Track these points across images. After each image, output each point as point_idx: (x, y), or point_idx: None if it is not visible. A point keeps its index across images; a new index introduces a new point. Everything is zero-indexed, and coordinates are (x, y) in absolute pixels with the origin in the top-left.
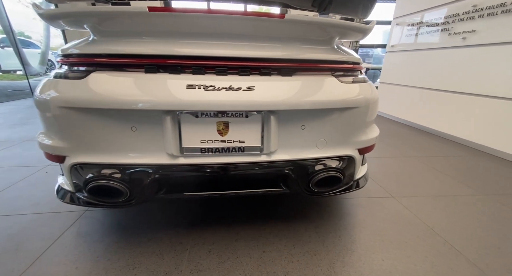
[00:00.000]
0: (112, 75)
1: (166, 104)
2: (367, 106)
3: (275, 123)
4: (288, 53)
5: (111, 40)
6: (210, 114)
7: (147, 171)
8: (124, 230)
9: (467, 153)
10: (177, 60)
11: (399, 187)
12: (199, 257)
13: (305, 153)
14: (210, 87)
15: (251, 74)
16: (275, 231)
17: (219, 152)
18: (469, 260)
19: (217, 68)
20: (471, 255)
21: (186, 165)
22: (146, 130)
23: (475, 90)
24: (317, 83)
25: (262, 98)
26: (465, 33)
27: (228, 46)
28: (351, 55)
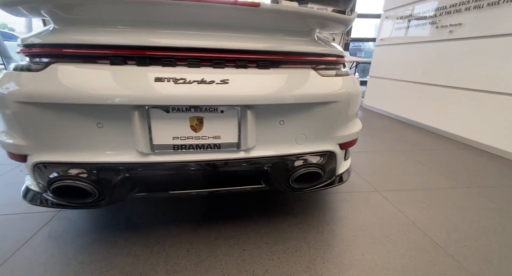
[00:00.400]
0: (73, 67)
1: (132, 98)
2: (348, 100)
3: (252, 119)
4: (265, 44)
5: (72, 29)
6: (182, 109)
7: (116, 170)
8: (100, 230)
9: (453, 146)
10: (145, 51)
11: (384, 181)
12: (176, 257)
13: (284, 149)
14: (180, 80)
15: (226, 66)
16: (257, 228)
17: (193, 149)
18: (447, 252)
19: (189, 60)
20: (449, 248)
21: (158, 163)
22: (113, 127)
23: (460, 84)
24: (296, 76)
25: (237, 92)
26: (452, 26)
27: (201, 37)
28: (333, 47)
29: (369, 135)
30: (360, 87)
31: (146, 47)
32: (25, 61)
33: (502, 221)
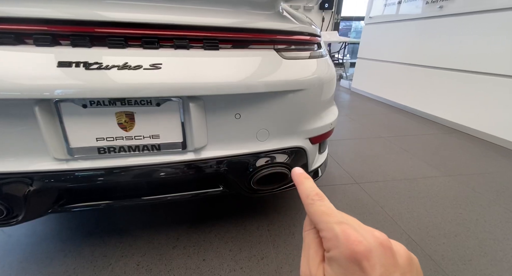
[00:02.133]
0: None
1: (27, 90)
2: (319, 87)
3: (199, 113)
4: (213, 19)
5: None
6: (103, 103)
7: (25, 181)
8: (36, 243)
9: (440, 131)
10: (46, 26)
11: (365, 172)
12: (123, 273)
13: (243, 147)
14: (93, 65)
15: (160, 47)
16: (222, 233)
17: (124, 151)
18: (425, 252)
19: (109, 38)
20: (427, 246)
21: (79, 170)
22: (11, 128)
23: (448, 65)
24: (252, 59)
25: (173, 80)
26: (442, 1)
27: (127, 8)
28: (303, 24)
29: (355, 121)
30: (340, 70)
31: (47, 20)
32: None
33: (484, 212)
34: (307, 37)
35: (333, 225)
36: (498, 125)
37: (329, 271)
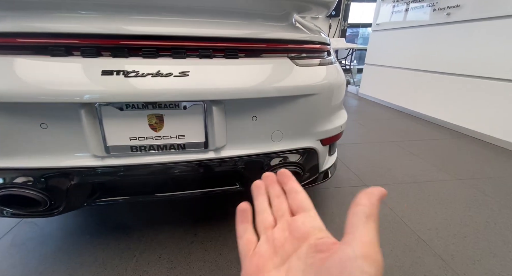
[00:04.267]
0: (6, 60)
1: (75, 95)
2: (330, 92)
3: (220, 115)
4: (233, 31)
5: (5, 15)
6: (137, 106)
7: (67, 175)
8: (67, 236)
9: (449, 135)
10: (91, 40)
11: (374, 174)
12: (147, 264)
13: (259, 147)
14: (131, 73)
15: (187, 56)
16: (234, 230)
17: (154, 150)
18: (435, 251)
19: (143, 49)
20: (437, 246)
21: (114, 167)
22: (59, 128)
23: (456, 71)
24: (268, 67)
25: (199, 86)
26: (449, 8)
27: (159, 23)
28: (314, 33)
29: (363, 126)
30: (344, 75)
31: (92, 34)
32: None
33: (494, 215)
34: (318, 46)
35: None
36: (509, 130)
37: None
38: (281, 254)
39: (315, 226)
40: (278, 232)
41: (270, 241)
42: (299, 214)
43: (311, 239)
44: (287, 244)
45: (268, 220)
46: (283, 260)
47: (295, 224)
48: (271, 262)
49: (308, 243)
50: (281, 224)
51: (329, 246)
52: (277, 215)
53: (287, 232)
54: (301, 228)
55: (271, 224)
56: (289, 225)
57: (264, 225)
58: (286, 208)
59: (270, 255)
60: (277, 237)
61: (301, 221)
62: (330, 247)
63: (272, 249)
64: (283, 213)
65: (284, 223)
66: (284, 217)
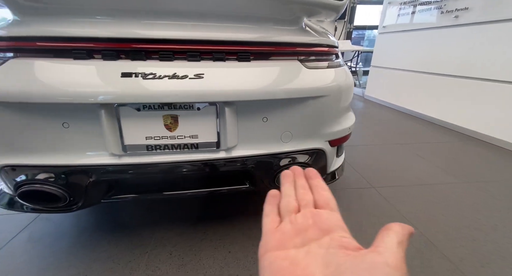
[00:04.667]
0: (33, 62)
1: (97, 96)
2: (339, 94)
3: (232, 116)
4: (245, 35)
5: (32, 21)
6: (154, 107)
7: (86, 172)
8: (81, 233)
9: (455, 138)
10: (112, 44)
11: (381, 176)
12: (158, 260)
13: (269, 148)
14: (149, 75)
15: (201, 59)
16: (244, 229)
17: (168, 149)
18: (443, 253)
19: (160, 53)
20: (445, 248)
21: (131, 165)
22: (80, 127)
23: (464, 73)
24: (279, 69)
25: (212, 88)
26: (457, 11)
27: (175, 27)
28: (323, 37)
29: (369, 128)
30: (352, 78)
31: (112, 39)
32: None
33: (502, 218)
34: (327, 49)
35: None
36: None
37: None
38: (303, 237)
39: (339, 225)
40: (301, 217)
41: (293, 223)
42: (323, 209)
43: (334, 234)
44: (310, 231)
45: (292, 204)
46: (303, 243)
47: (320, 216)
48: (291, 241)
49: (332, 236)
50: (304, 212)
51: (355, 247)
52: (301, 204)
53: (311, 220)
54: (326, 221)
55: (295, 209)
56: (313, 215)
57: (288, 208)
58: (310, 200)
59: (292, 235)
60: (300, 222)
61: (325, 216)
62: (355, 248)
63: (295, 230)
64: (307, 203)
65: (308, 212)
66: (308, 207)
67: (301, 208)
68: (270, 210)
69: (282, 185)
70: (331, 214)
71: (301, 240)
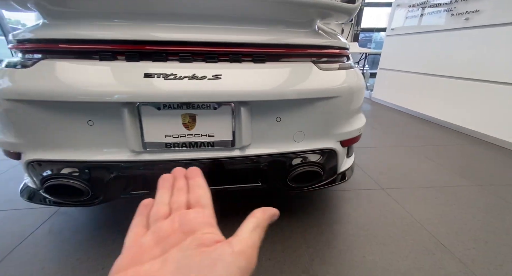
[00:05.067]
0: (62, 63)
1: (121, 95)
2: (350, 95)
3: (247, 116)
4: (260, 37)
5: (61, 24)
6: (173, 106)
7: (108, 168)
8: (99, 227)
9: (466, 141)
10: (135, 46)
11: (390, 178)
12: None
13: (282, 147)
14: (170, 76)
15: (219, 61)
16: None
17: (186, 147)
18: (455, 255)
19: (180, 54)
20: (457, 250)
21: (150, 162)
22: (103, 124)
23: (476, 76)
24: (293, 70)
25: (230, 88)
26: (468, 13)
27: (193, 30)
28: (335, 39)
29: (377, 130)
30: (364, 80)
31: (135, 41)
32: (17, 57)
33: None
34: (339, 51)
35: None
36: None
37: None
38: (164, 245)
39: (205, 221)
40: (167, 223)
41: (155, 233)
42: (194, 208)
43: (197, 233)
44: (173, 236)
45: (161, 211)
46: (163, 251)
47: (186, 217)
48: (148, 254)
49: (193, 236)
50: (172, 216)
51: (213, 242)
52: (173, 207)
53: (176, 225)
54: (191, 221)
55: (164, 215)
56: (180, 217)
57: (155, 217)
58: (183, 201)
59: (151, 246)
60: (165, 229)
61: (193, 215)
62: (214, 243)
63: (155, 240)
64: (178, 205)
65: (176, 216)
66: (179, 210)
67: (172, 212)
68: (138, 221)
69: (157, 191)
70: (198, 212)
71: (161, 249)
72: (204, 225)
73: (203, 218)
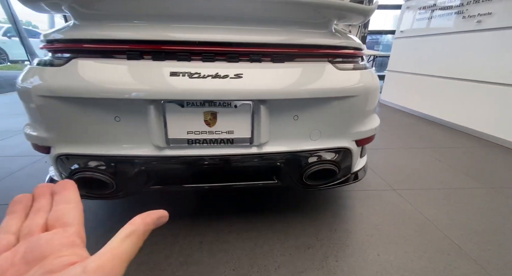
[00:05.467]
0: (92, 62)
1: (147, 93)
2: (366, 95)
3: (265, 114)
4: (280, 38)
5: (91, 25)
6: (196, 103)
7: (133, 163)
8: (118, 221)
9: (477, 144)
10: (161, 46)
11: (401, 179)
12: (190, 249)
13: (298, 145)
14: (195, 74)
15: (240, 60)
16: (269, 223)
17: (206, 143)
18: (469, 256)
19: (203, 54)
20: (471, 251)
21: (173, 157)
22: (130, 121)
23: (488, 78)
24: (311, 70)
25: (250, 87)
26: (480, 16)
27: (216, 31)
28: (350, 40)
29: (386, 131)
30: (379, 81)
31: (161, 41)
32: (48, 56)
33: None
34: (356, 51)
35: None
36: None
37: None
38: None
39: (63, 242)
40: (6, 256)
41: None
42: (53, 229)
43: (49, 258)
44: (10, 271)
45: (2, 243)
46: None
47: (36, 243)
48: None
49: (41, 264)
50: (18, 246)
51: (64, 266)
52: (22, 235)
53: (19, 255)
54: (41, 247)
55: (6, 247)
56: (27, 245)
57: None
58: (39, 224)
59: None
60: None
61: (45, 238)
62: (66, 266)
63: None
64: (30, 230)
65: (22, 244)
66: (29, 236)
67: (20, 240)
68: None
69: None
70: (56, 234)
71: None
72: (62, 246)
73: (61, 239)
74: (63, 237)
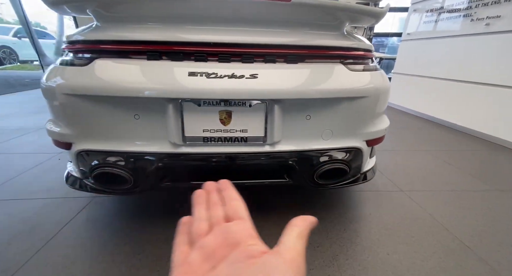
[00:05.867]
0: (114, 62)
1: (167, 92)
2: (377, 96)
3: (279, 113)
4: (294, 39)
5: (113, 26)
6: (212, 103)
7: (150, 159)
8: (132, 216)
9: (485, 147)
10: (179, 47)
11: (409, 181)
12: None
13: (310, 144)
14: (212, 74)
15: (254, 61)
16: (279, 221)
17: (221, 141)
18: (480, 257)
19: (219, 55)
20: (481, 252)
21: (189, 154)
22: (149, 119)
23: (496, 81)
24: (324, 71)
25: (265, 87)
26: (489, 19)
27: (232, 32)
28: (362, 41)
29: (393, 133)
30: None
31: (179, 42)
32: (70, 56)
33: None
34: (367, 53)
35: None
36: None
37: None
38: (211, 261)
39: (247, 233)
40: (210, 239)
41: (201, 249)
42: (233, 220)
43: (242, 245)
44: (218, 251)
45: (201, 228)
46: (213, 267)
47: (228, 230)
48: (200, 271)
49: (239, 249)
50: (214, 231)
51: (260, 253)
52: (213, 222)
53: (220, 239)
54: (234, 234)
55: (205, 231)
56: (222, 232)
57: (197, 233)
58: (221, 215)
59: (200, 263)
60: (209, 244)
61: (234, 228)
62: (260, 253)
63: (202, 256)
64: (217, 219)
65: (218, 230)
66: (219, 224)
67: (213, 227)
68: (180, 240)
69: (193, 208)
70: (239, 224)
71: (210, 265)
72: (247, 237)
73: (244, 230)
74: (245, 228)
